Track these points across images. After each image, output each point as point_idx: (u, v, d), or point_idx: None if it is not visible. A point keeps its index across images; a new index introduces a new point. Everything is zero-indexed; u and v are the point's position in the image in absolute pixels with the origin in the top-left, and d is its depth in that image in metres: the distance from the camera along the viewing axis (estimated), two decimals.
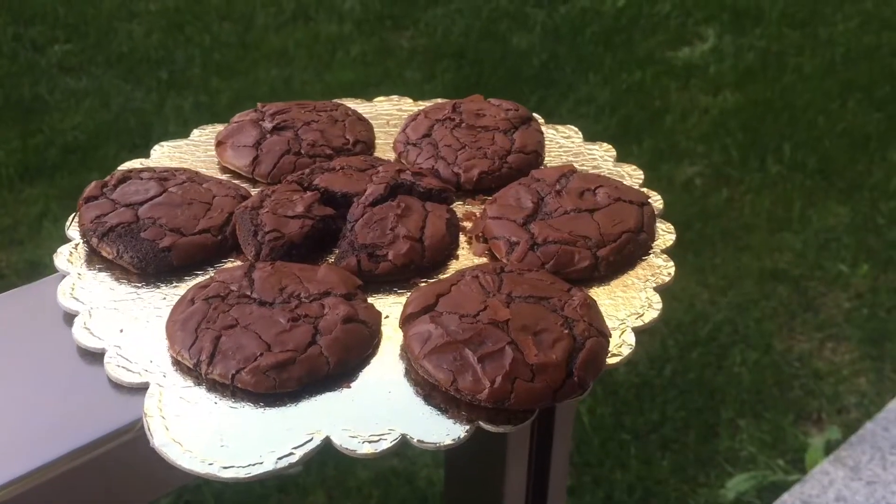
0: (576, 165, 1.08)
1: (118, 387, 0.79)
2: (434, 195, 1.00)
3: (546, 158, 1.12)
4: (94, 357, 0.82)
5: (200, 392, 0.77)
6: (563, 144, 1.16)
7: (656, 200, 1.02)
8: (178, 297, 0.86)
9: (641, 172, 1.10)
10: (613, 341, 0.83)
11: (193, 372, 0.79)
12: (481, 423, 0.76)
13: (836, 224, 2.14)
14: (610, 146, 1.15)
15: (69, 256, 0.93)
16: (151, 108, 2.36)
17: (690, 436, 1.77)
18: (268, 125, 1.11)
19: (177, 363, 0.80)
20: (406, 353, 0.82)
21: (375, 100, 1.27)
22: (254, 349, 0.78)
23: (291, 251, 0.92)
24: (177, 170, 1.03)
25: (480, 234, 0.97)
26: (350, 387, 0.79)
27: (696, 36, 2.74)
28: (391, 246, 0.91)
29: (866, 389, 1.82)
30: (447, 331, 0.78)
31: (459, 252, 0.96)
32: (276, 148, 1.08)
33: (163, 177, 1.00)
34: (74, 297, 0.87)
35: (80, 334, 0.83)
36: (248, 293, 0.84)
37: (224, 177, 1.07)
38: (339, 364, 0.79)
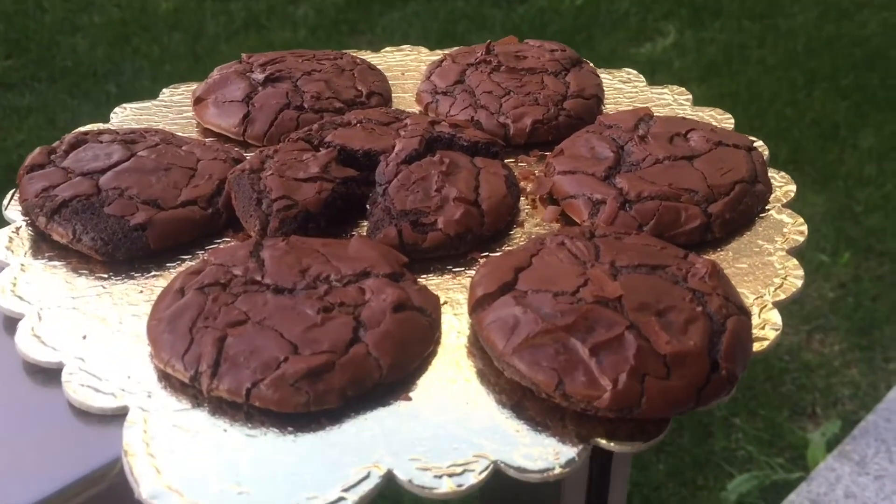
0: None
1: (84, 415, 0.57)
2: (481, 149, 0.80)
3: (606, 107, 0.92)
4: (48, 375, 0.60)
5: (202, 416, 0.56)
6: (623, 89, 0.97)
7: (760, 146, 0.83)
8: (161, 288, 0.64)
9: (730, 116, 0.90)
10: (753, 321, 0.63)
11: (190, 389, 0.57)
12: (599, 441, 0.56)
13: (813, 214, 2.09)
14: (683, 89, 0.95)
15: (8, 243, 0.71)
16: (100, 122, 2.23)
17: (685, 437, 1.67)
18: (258, 76, 0.90)
19: (165, 377, 0.58)
20: (479, 347, 0.61)
21: (384, 50, 1.07)
22: (275, 352, 0.56)
23: (307, 223, 0.71)
24: (146, 130, 0.81)
25: (546, 195, 0.76)
26: (410, 398, 0.58)
27: (657, 32, 2.68)
28: (440, 211, 0.71)
29: (859, 380, 1.75)
30: (540, 315, 0.58)
31: (522, 218, 0.76)
32: (271, 102, 0.86)
33: (129, 139, 0.79)
34: (17, 296, 0.65)
35: (28, 345, 0.61)
36: (259, 277, 0.62)
37: (209, 140, 0.86)
38: (394, 367, 0.58)
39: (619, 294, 0.59)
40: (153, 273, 0.68)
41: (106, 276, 0.68)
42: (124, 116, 0.90)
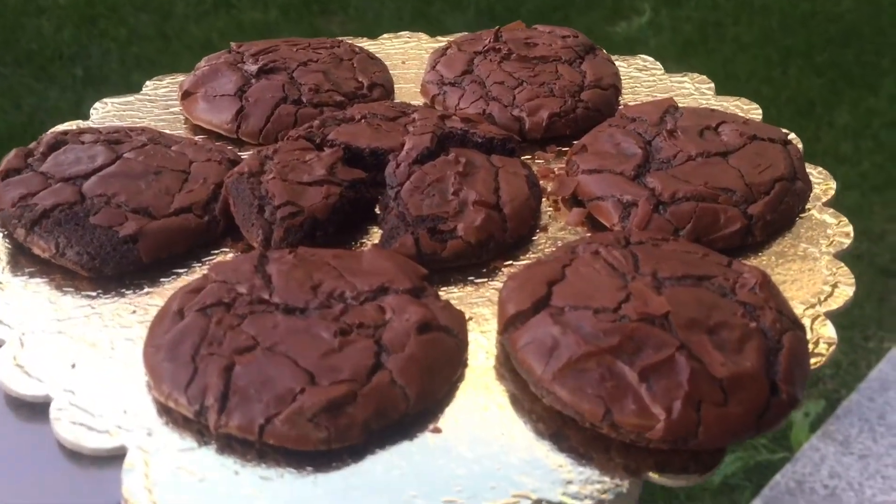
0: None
1: (76, 456, 0.51)
2: (496, 146, 0.74)
3: (623, 97, 0.87)
4: (34, 410, 0.54)
5: (209, 456, 0.50)
6: (640, 78, 0.91)
7: (794, 139, 0.78)
8: (156, 307, 0.59)
9: (757, 106, 0.85)
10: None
11: (195, 425, 0.52)
12: (651, 475, 0.51)
13: None
14: (704, 76, 0.90)
15: None
16: (67, 106, 2.17)
17: None
18: (251, 67, 0.83)
19: (166, 412, 0.53)
20: (509, 368, 0.56)
21: (381, 38, 1.01)
22: (289, 382, 0.51)
23: (314, 232, 0.65)
24: (132, 129, 0.75)
25: (569, 195, 0.71)
26: (440, 430, 0.53)
27: (632, 10, 2.67)
28: (459, 216, 0.65)
29: (839, 359, 1.74)
30: (581, 335, 0.53)
31: (544, 222, 0.71)
32: (266, 96, 0.80)
33: (113, 139, 0.72)
34: None
35: (10, 376, 0.55)
36: (266, 296, 0.57)
37: (199, 137, 0.80)
38: (422, 396, 0.53)
39: (665, 310, 0.54)
40: (146, 290, 0.62)
41: (94, 293, 0.62)
42: (105, 112, 0.84)
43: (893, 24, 2.43)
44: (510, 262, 0.66)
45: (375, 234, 0.69)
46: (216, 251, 0.66)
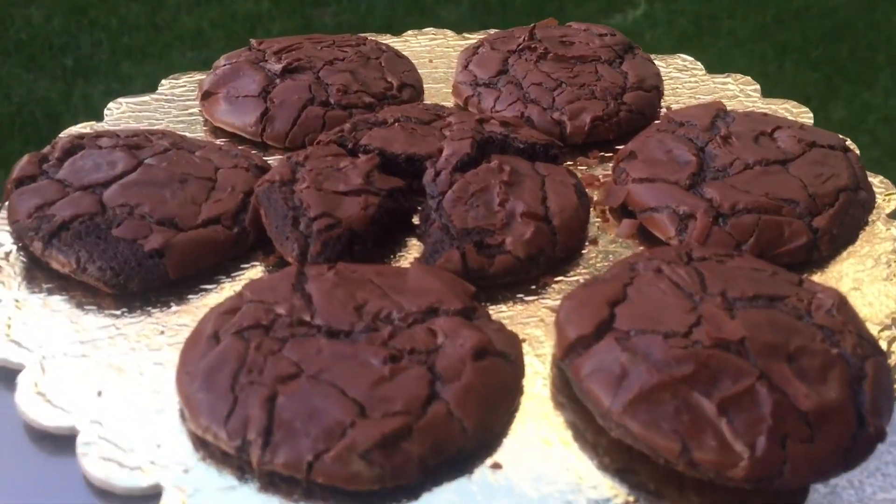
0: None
1: (106, 495, 0.47)
2: (538, 152, 0.71)
3: (665, 99, 0.83)
4: (58, 443, 0.50)
5: (251, 495, 0.47)
6: (680, 78, 0.88)
7: (852, 146, 0.74)
8: (187, 328, 0.55)
9: (807, 109, 0.82)
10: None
11: (235, 461, 0.48)
12: None
13: None
14: (748, 78, 0.87)
15: None
16: (58, 97, 2.13)
17: None
18: (275, 66, 0.79)
19: (202, 445, 0.49)
20: (568, 396, 0.53)
21: (405, 35, 0.96)
22: (338, 415, 0.47)
23: (352, 245, 0.61)
24: (152, 132, 0.71)
25: (618, 205, 0.67)
26: (500, 465, 0.49)
27: (628, 3, 2.63)
28: (507, 229, 0.61)
29: None
30: (652, 363, 0.49)
31: (593, 234, 0.67)
32: (292, 97, 0.76)
33: (133, 143, 0.68)
34: (13, 341, 0.55)
35: (31, 405, 0.51)
36: (307, 317, 0.53)
37: (220, 141, 0.76)
38: (480, 429, 0.49)
39: (741, 335, 0.50)
40: (173, 308, 0.58)
41: (118, 312, 0.58)
42: (120, 114, 0.79)
43: (888, 18, 2.41)
44: (560, 277, 0.62)
45: (413, 247, 0.65)
46: (246, 265, 0.62)
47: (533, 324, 0.58)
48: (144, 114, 0.79)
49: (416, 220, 0.67)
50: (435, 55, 0.92)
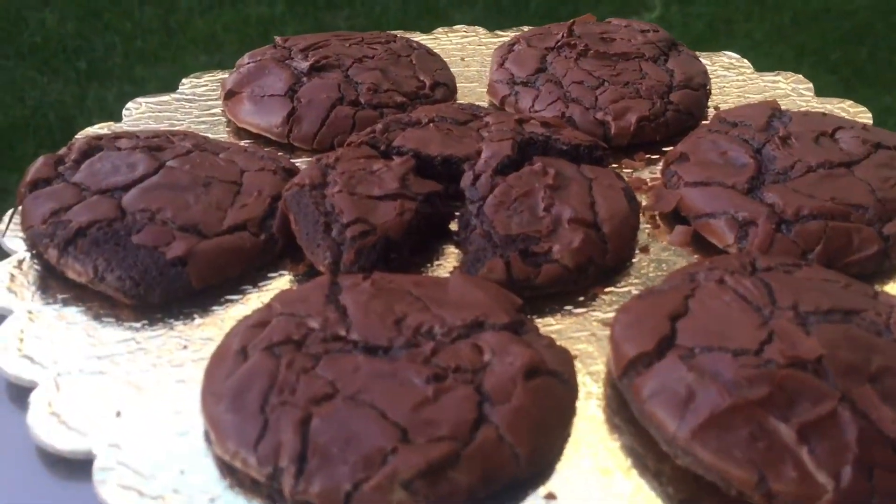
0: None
1: None
2: (582, 154, 0.66)
3: (712, 98, 0.79)
4: (73, 468, 0.46)
5: None
6: (727, 77, 0.83)
7: None
8: (212, 342, 0.51)
9: (865, 109, 0.77)
10: None
11: (266, 489, 0.44)
12: None
13: None
14: (800, 76, 0.82)
15: (10, 282, 0.57)
16: (71, 100, 2.13)
17: None
18: (302, 64, 0.76)
19: (230, 472, 0.45)
20: (624, 417, 0.48)
21: (434, 32, 0.93)
22: (378, 440, 0.43)
23: (388, 253, 0.57)
24: (174, 133, 0.67)
25: (670, 211, 0.63)
26: (554, 496, 0.45)
27: (642, 5, 2.60)
28: (553, 237, 0.57)
29: None
30: (722, 384, 0.45)
31: (643, 241, 0.63)
32: (320, 96, 0.72)
33: (153, 144, 0.65)
34: (26, 356, 0.51)
35: (44, 426, 0.47)
36: (342, 332, 0.49)
37: (244, 142, 0.72)
38: (534, 456, 0.45)
39: (818, 353, 0.46)
40: (197, 320, 0.54)
41: (138, 324, 0.54)
42: (139, 114, 0.76)
43: None
44: (610, 287, 0.58)
45: (451, 255, 0.61)
46: (273, 274, 0.59)
47: (584, 339, 0.54)
48: (165, 114, 0.76)
49: (453, 227, 0.63)
50: (467, 53, 0.88)
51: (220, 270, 0.56)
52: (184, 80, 0.81)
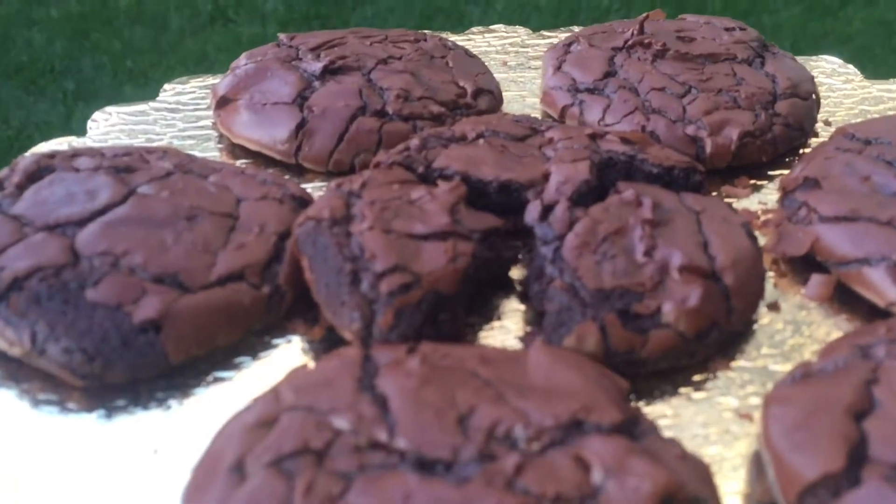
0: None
1: None
2: (676, 179, 0.52)
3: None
4: None
5: None
6: (832, 84, 0.69)
7: None
8: (194, 445, 0.36)
9: None
10: None
11: None
12: None
13: None
14: None
15: None
16: (58, 121, 2.07)
17: None
18: (313, 65, 0.61)
19: None
20: None
21: (468, 32, 0.79)
22: None
23: (436, 313, 0.42)
24: (150, 150, 0.53)
25: (800, 255, 0.49)
26: None
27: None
28: (661, 291, 0.43)
29: None
30: None
31: (767, 294, 0.48)
32: (337, 104, 0.58)
33: (122, 164, 0.50)
34: None
35: None
36: (383, 437, 0.34)
37: (241, 163, 0.57)
38: None
39: None
40: (173, 410, 0.40)
41: (90, 415, 0.39)
42: (108, 126, 0.61)
43: None
44: (740, 362, 0.43)
45: (513, 314, 0.47)
46: (279, 340, 0.44)
47: (714, 438, 0.39)
48: (141, 127, 0.62)
49: (513, 273, 0.49)
50: (509, 56, 0.74)
51: (207, 338, 0.42)
52: (165, 86, 0.67)
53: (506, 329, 0.46)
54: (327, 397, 0.36)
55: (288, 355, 0.43)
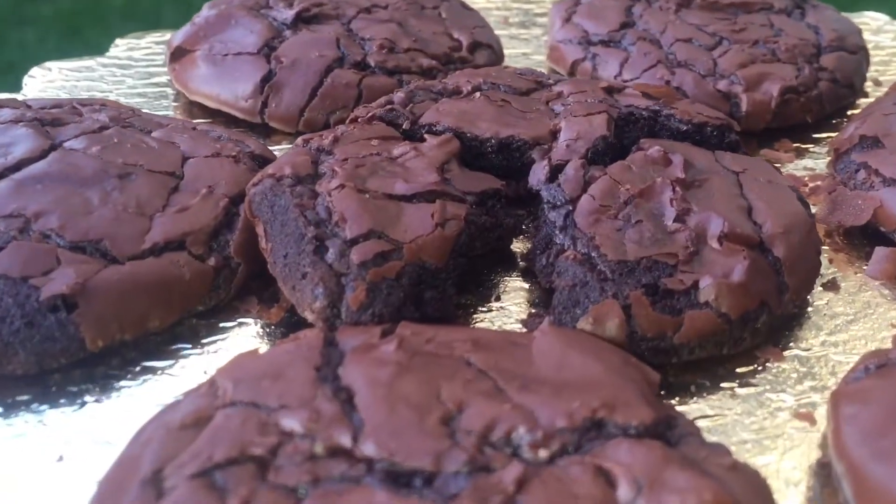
0: None
1: None
2: (709, 138, 0.45)
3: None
4: None
5: None
6: (879, 42, 0.62)
7: None
8: (109, 447, 0.29)
9: None
10: None
11: None
12: None
13: None
14: None
15: None
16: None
17: None
18: (284, 13, 0.54)
19: None
20: None
21: None
22: None
23: (422, 291, 0.35)
24: (85, 102, 0.46)
25: (860, 225, 0.42)
26: None
27: None
28: (697, 263, 0.35)
29: None
30: None
31: (822, 270, 0.41)
32: (309, 55, 0.51)
33: (49, 117, 0.43)
34: None
35: None
36: (346, 442, 0.27)
37: (200, 122, 0.50)
38: None
39: None
40: (88, 406, 0.32)
41: None
42: (46, 83, 0.54)
43: None
44: (795, 350, 0.36)
45: (517, 293, 0.39)
46: (228, 323, 0.37)
47: (767, 444, 0.32)
48: (84, 83, 0.55)
49: (516, 247, 0.42)
50: (511, 13, 0.67)
51: (135, 319, 0.34)
52: (118, 41, 0.60)
53: (506, 312, 0.38)
54: (276, 391, 0.28)
55: (239, 342, 0.36)
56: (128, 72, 0.56)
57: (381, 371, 0.29)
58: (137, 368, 0.34)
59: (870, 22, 0.64)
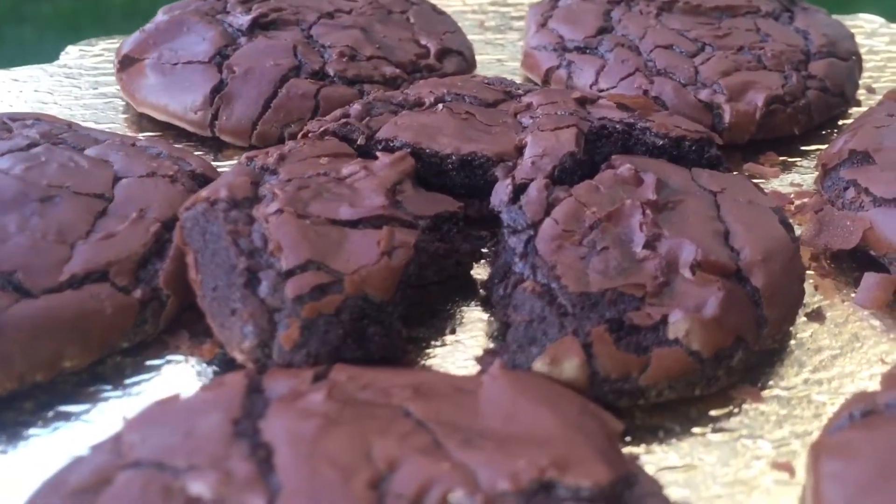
0: None
1: None
2: (688, 154, 0.42)
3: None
4: None
5: None
6: (872, 46, 0.59)
7: None
8: None
9: None
10: None
11: None
12: None
13: None
14: None
15: None
16: None
17: None
18: (239, 19, 0.51)
19: None
20: None
21: None
22: None
23: (364, 328, 0.32)
24: (16, 116, 0.43)
25: (848, 249, 0.39)
26: None
27: None
28: (667, 295, 0.33)
29: None
30: None
31: (806, 297, 0.38)
32: (264, 63, 0.48)
33: None
34: None
35: None
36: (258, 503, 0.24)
37: (143, 136, 0.47)
38: None
39: None
40: None
41: None
42: None
43: None
44: (770, 389, 0.33)
45: (475, 326, 0.36)
46: (156, 360, 0.34)
47: (741, 499, 0.29)
48: (27, 95, 0.52)
49: (477, 273, 0.39)
50: (487, 17, 0.64)
51: (47, 358, 0.32)
52: (68, 48, 0.57)
53: (461, 346, 0.36)
54: (187, 448, 0.26)
55: (165, 383, 0.33)
56: (76, 81, 0.53)
57: (306, 425, 0.26)
58: (50, 414, 0.31)
59: (864, 25, 0.62)
